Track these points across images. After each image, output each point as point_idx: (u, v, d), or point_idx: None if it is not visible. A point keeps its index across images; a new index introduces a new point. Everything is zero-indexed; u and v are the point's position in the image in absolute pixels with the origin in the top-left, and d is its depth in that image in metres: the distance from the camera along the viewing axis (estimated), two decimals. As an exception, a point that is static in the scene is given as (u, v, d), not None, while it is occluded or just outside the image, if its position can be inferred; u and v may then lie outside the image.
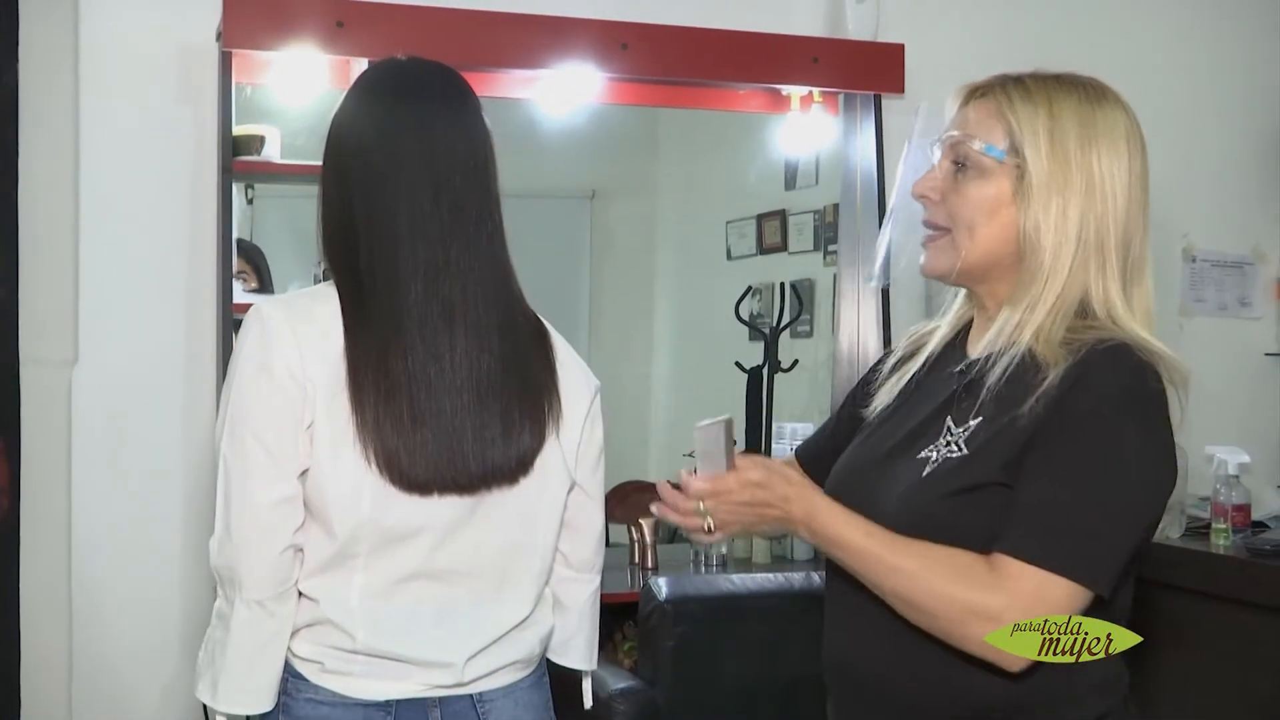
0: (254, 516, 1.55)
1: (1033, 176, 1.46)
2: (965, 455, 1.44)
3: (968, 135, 1.50)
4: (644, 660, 2.60)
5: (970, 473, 1.43)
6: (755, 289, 3.68)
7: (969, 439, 1.45)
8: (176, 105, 2.93)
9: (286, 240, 3.20)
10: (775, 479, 1.44)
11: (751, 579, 2.73)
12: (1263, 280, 3.74)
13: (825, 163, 3.46)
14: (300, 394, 1.54)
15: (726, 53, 3.12)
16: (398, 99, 1.64)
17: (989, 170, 1.48)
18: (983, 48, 3.39)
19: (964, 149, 1.50)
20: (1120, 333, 1.45)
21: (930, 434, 1.50)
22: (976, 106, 1.52)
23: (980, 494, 1.42)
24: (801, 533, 1.46)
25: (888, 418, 1.60)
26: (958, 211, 1.50)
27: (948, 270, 1.53)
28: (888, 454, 1.54)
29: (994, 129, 1.49)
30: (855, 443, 1.64)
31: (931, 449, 1.48)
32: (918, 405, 1.57)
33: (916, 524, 1.43)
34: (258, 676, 1.57)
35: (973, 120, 1.51)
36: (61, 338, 2.89)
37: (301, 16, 2.80)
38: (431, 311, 1.57)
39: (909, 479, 1.48)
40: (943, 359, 1.59)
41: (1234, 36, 3.74)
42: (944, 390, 1.54)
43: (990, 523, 1.40)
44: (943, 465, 1.46)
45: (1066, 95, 1.49)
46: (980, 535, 1.40)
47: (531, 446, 1.63)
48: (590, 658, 1.80)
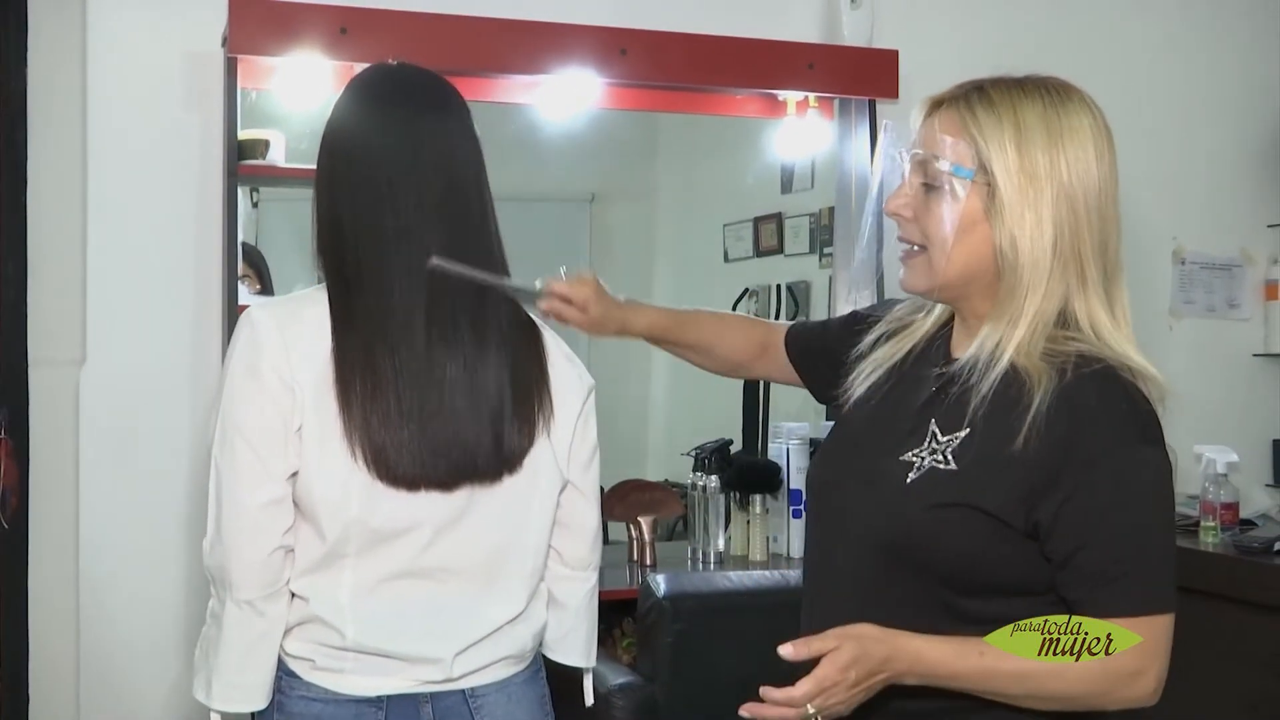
0: (243, 518, 1.57)
1: (1003, 192, 1.43)
2: (954, 470, 1.44)
3: (933, 155, 1.47)
4: (643, 656, 2.60)
5: (958, 490, 1.42)
6: (752, 291, 3.70)
7: (956, 453, 1.45)
8: (183, 110, 2.96)
9: (291, 243, 3.22)
10: (868, 646, 1.37)
11: (749, 576, 2.74)
12: (1251, 282, 3.78)
13: (821, 166, 3.49)
14: (288, 396, 1.56)
15: (724, 58, 3.13)
16: (384, 105, 1.66)
17: (957, 189, 1.46)
18: (976, 53, 3.37)
19: (931, 168, 1.48)
20: (1102, 348, 1.44)
21: (914, 436, 1.49)
22: (942, 120, 1.48)
23: (962, 512, 1.42)
24: (913, 681, 1.40)
25: (866, 406, 1.59)
26: (931, 230, 1.48)
27: (927, 288, 1.52)
28: (869, 448, 1.54)
29: (959, 145, 1.46)
30: (835, 430, 1.66)
31: (915, 454, 1.48)
32: (899, 400, 1.56)
33: (898, 530, 1.45)
34: (250, 675, 1.59)
35: (938, 136, 1.48)
36: (69, 339, 2.91)
37: (306, 23, 2.82)
38: (415, 313, 1.59)
39: (891, 484, 1.47)
40: (925, 354, 1.59)
41: (1223, 41, 3.77)
42: (923, 389, 1.53)
43: (965, 544, 1.41)
44: (928, 475, 1.45)
45: (1031, 101, 1.46)
46: (954, 551, 1.41)
47: (520, 444, 1.64)
48: (589, 655, 1.81)
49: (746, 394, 3.48)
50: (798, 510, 3.18)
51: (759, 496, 3.20)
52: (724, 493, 3.20)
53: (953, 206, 1.46)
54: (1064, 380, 1.41)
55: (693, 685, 2.52)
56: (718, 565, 3.11)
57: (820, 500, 1.61)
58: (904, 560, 1.45)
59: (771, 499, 3.21)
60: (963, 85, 1.51)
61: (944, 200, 1.47)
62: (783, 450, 3.21)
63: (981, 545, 1.41)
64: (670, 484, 3.37)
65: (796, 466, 3.18)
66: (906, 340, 1.62)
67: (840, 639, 1.37)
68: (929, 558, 1.43)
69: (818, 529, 1.62)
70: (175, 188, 2.95)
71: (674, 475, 3.40)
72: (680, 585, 2.60)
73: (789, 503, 3.19)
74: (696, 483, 3.21)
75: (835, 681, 1.36)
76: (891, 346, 1.62)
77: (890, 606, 1.43)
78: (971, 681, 1.40)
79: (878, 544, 1.47)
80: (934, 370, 1.55)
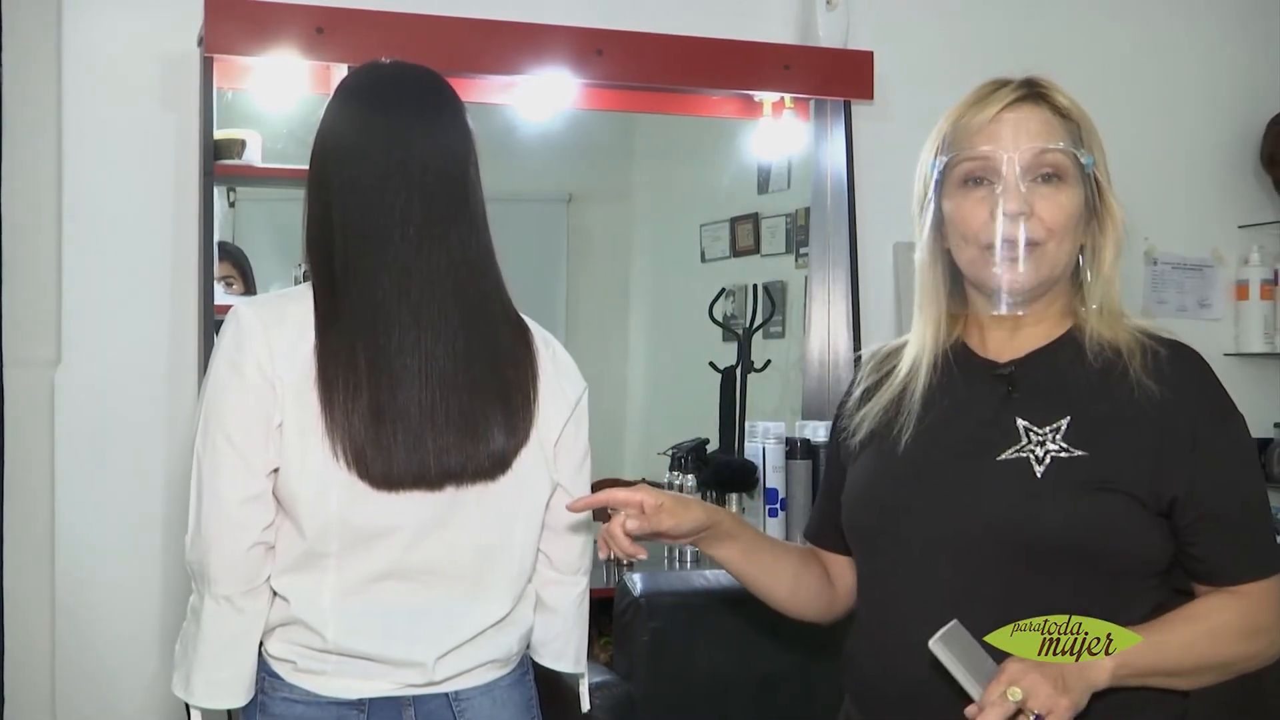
0: (222, 513, 1.57)
1: (1103, 180, 1.49)
2: (1084, 455, 1.43)
3: (1053, 143, 1.47)
4: (619, 655, 2.60)
5: (1094, 473, 1.42)
6: (729, 291, 3.71)
7: (1072, 438, 1.44)
8: (159, 110, 2.95)
9: (267, 243, 3.21)
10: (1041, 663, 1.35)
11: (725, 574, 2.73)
12: (1222, 282, 3.81)
13: (797, 167, 3.50)
14: (270, 392, 1.56)
15: (700, 59, 3.15)
16: (375, 105, 1.66)
17: (1076, 178, 1.47)
18: (950, 54, 3.44)
19: (1056, 158, 1.47)
20: (1149, 325, 1.50)
21: (1002, 438, 1.47)
22: (1031, 114, 1.49)
23: (1101, 495, 1.41)
24: (1106, 682, 1.39)
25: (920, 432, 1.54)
26: (1054, 222, 1.47)
27: (1036, 284, 1.49)
28: (951, 461, 1.50)
29: (1065, 135, 1.48)
30: (871, 461, 1.59)
31: (1017, 451, 1.46)
32: (957, 415, 1.52)
33: (1039, 524, 1.42)
34: (228, 671, 1.59)
35: (1039, 128, 1.48)
36: (44, 339, 2.90)
37: (282, 23, 2.82)
38: (400, 311, 1.59)
39: (1014, 481, 1.44)
40: (956, 369, 1.56)
41: (1194, 44, 3.80)
42: (989, 396, 1.51)
43: (1118, 526, 1.41)
44: (1055, 465, 1.43)
45: (1067, 94, 1.52)
46: (1104, 538, 1.41)
47: (505, 445, 1.63)
48: (581, 661, 1.80)
49: (723, 393, 3.50)
50: (774, 509, 3.19)
51: (735, 496, 3.21)
52: (700, 492, 3.21)
53: (1073, 194, 1.48)
54: (1156, 355, 1.45)
55: (669, 683, 2.52)
56: (694, 564, 3.11)
57: (885, 533, 1.54)
58: (1045, 555, 1.42)
59: (748, 498, 3.22)
60: (1025, 79, 1.52)
61: (1066, 189, 1.48)
62: (759, 449, 3.22)
63: (1121, 524, 1.42)
64: (647, 483, 3.37)
65: (773, 465, 3.20)
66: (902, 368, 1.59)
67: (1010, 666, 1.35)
68: (1069, 546, 1.41)
69: (885, 560, 1.55)
70: (151, 188, 2.95)
71: (651, 474, 3.41)
72: (656, 584, 2.59)
73: (765, 502, 3.20)
74: (673, 482, 3.22)
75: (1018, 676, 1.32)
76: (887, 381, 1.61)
77: (1034, 606, 1.39)
78: (1147, 661, 1.40)
79: (1009, 545, 1.43)
80: (992, 374, 1.53)
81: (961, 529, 1.46)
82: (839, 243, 3.32)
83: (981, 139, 1.48)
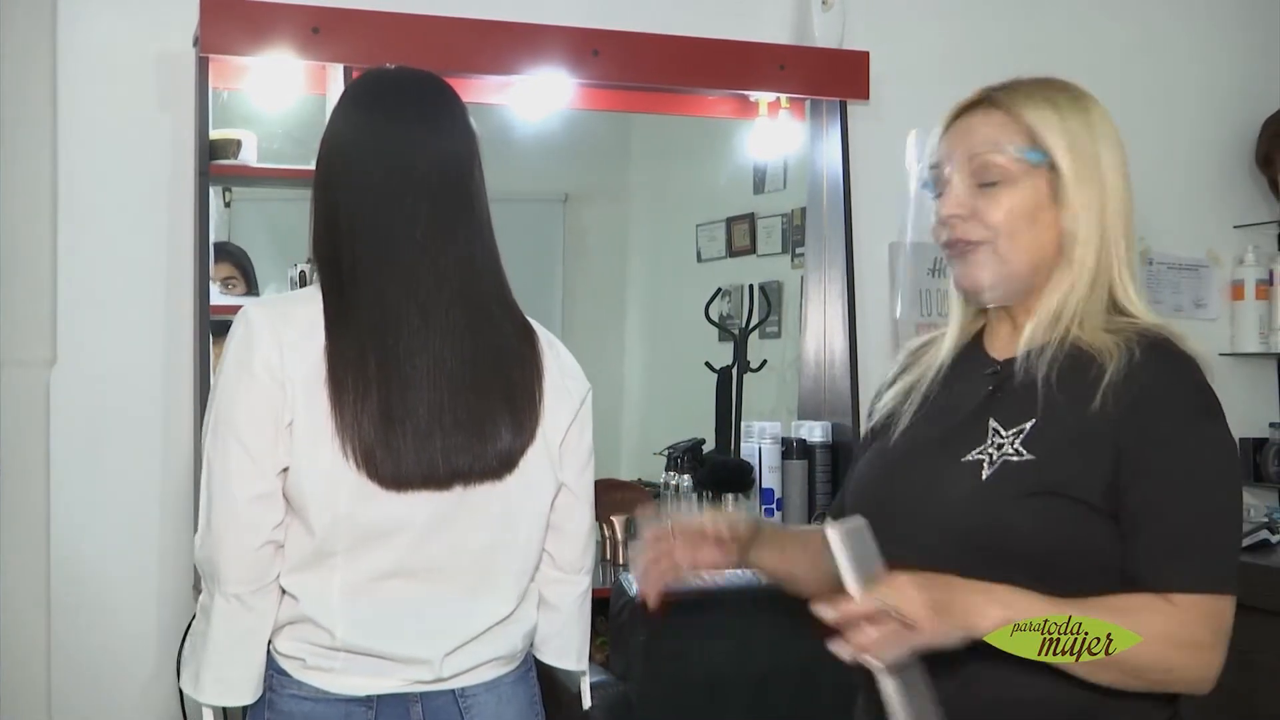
0: (232, 512, 1.58)
1: (1065, 174, 1.48)
2: (1031, 459, 1.42)
3: (992, 147, 1.49)
4: (615, 655, 2.59)
5: (1040, 478, 1.41)
6: (725, 291, 3.71)
7: (1028, 441, 1.43)
8: (154, 110, 2.95)
9: (263, 243, 3.21)
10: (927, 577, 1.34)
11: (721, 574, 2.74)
12: (1217, 282, 3.82)
13: (793, 167, 3.51)
14: (280, 392, 1.57)
15: (696, 59, 3.15)
16: (380, 110, 1.68)
17: (1019, 177, 1.48)
18: (945, 54, 3.45)
19: (989, 160, 1.49)
20: (1151, 323, 1.48)
21: (972, 438, 1.48)
22: (982, 120, 1.51)
23: (1044, 500, 1.40)
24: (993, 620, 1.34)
25: (909, 426, 1.56)
26: (995, 223, 1.49)
27: (993, 280, 1.51)
28: (922, 458, 1.52)
29: (1015, 135, 1.49)
30: (872, 453, 1.61)
31: (979, 452, 1.46)
32: (945, 412, 1.54)
33: (980, 527, 1.42)
34: (237, 669, 1.60)
35: (984, 134, 1.50)
36: (40, 339, 2.90)
37: (278, 23, 2.82)
38: (409, 313, 1.61)
39: (964, 482, 1.45)
40: (961, 365, 1.58)
41: (1190, 45, 3.81)
42: (975, 393, 1.52)
43: (1050, 530, 1.39)
44: (1003, 468, 1.43)
45: (1058, 94, 1.51)
46: (1040, 540, 1.40)
47: (511, 445, 1.65)
48: (583, 658, 1.81)
49: (719, 393, 3.50)
50: (770, 509, 3.20)
51: (731, 496, 3.21)
52: (696, 492, 3.21)
53: (1015, 194, 1.49)
54: (1132, 357, 1.43)
55: (665, 683, 2.52)
56: (690, 564, 3.11)
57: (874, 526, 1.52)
58: (987, 559, 1.41)
59: (744, 498, 3.22)
60: (987, 89, 1.54)
61: (1005, 190, 1.49)
62: (755, 449, 3.23)
63: (1068, 530, 1.40)
64: (643, 483, 3.38)
65: (769, 465, 3.20)
66: (929, 359, 1.61)
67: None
68: (1014, 551, 1.40)
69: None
70: (147, 188, 2.95)
71: (647, 474, 3.41)
72: (653, 584, 2.60)
73: (761, 502, 3.21)
74: (669, 482, 3.22)
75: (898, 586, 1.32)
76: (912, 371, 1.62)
77: None
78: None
79: (959, 547, 1.43)
80: (980, 373, 1.55)
81: (921, 528, 1.47)
82: (835, 243, 3.32)
83: (935, 151, 1.55)
